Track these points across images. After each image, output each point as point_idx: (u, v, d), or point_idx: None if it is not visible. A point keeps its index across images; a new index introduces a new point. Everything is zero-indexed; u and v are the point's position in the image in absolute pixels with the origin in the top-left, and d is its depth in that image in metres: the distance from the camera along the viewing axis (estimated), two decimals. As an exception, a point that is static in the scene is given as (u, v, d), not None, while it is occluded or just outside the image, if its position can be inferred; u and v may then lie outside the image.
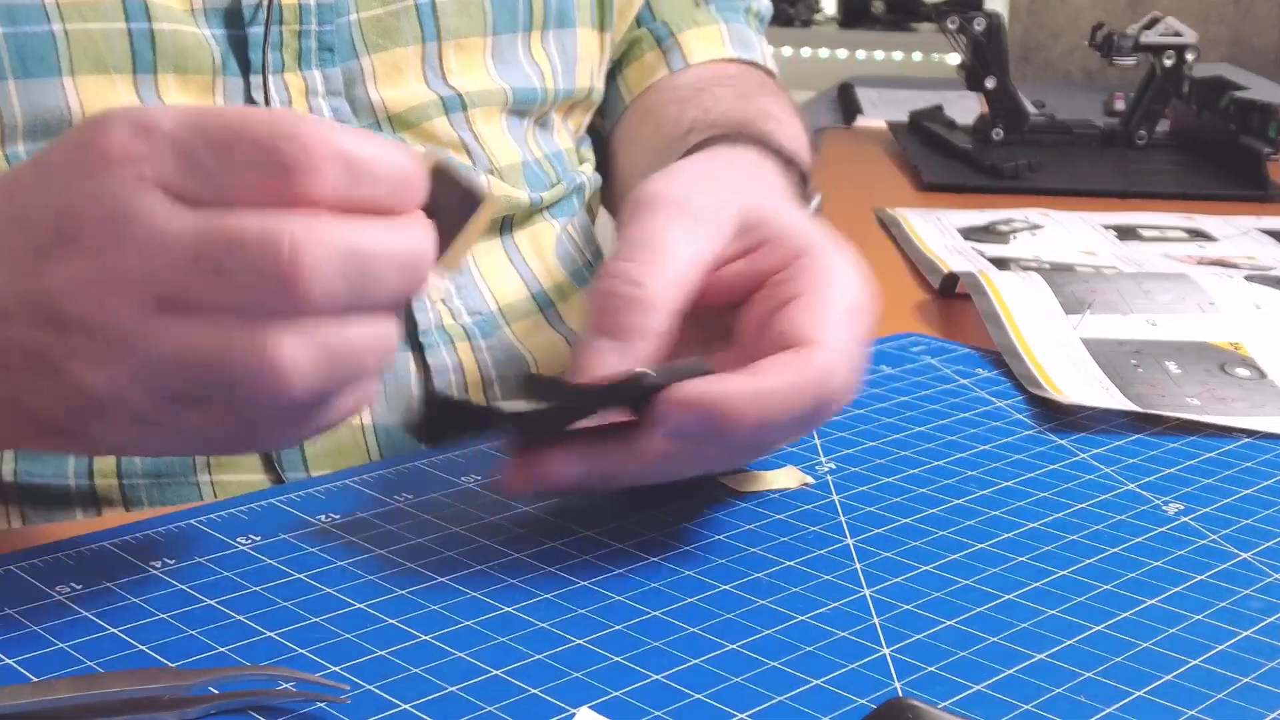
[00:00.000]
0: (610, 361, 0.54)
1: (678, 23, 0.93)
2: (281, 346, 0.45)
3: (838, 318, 0.55)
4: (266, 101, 0.70)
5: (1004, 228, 1.10)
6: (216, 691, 0.43)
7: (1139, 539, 0.56)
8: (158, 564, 0.51)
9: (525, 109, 0.81)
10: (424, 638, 0.47)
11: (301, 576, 0.51)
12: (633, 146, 0.89)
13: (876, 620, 0.49)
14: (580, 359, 0.54)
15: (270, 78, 0.70)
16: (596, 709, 0.43)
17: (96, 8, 0.65)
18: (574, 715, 0.43)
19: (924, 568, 0.53)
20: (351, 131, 0.47)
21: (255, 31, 0.70)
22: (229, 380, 0.45)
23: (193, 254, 0.45)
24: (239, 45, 0.70)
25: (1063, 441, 0.66)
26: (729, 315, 0.58)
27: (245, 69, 0.70)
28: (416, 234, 0.47)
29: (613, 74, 0.93)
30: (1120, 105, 1.63)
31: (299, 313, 0.45)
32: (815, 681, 0.45)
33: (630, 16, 0.92)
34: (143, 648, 0.46)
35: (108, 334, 0.46)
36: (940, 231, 1.08)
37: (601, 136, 0.93)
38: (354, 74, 0.74)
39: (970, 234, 1.08)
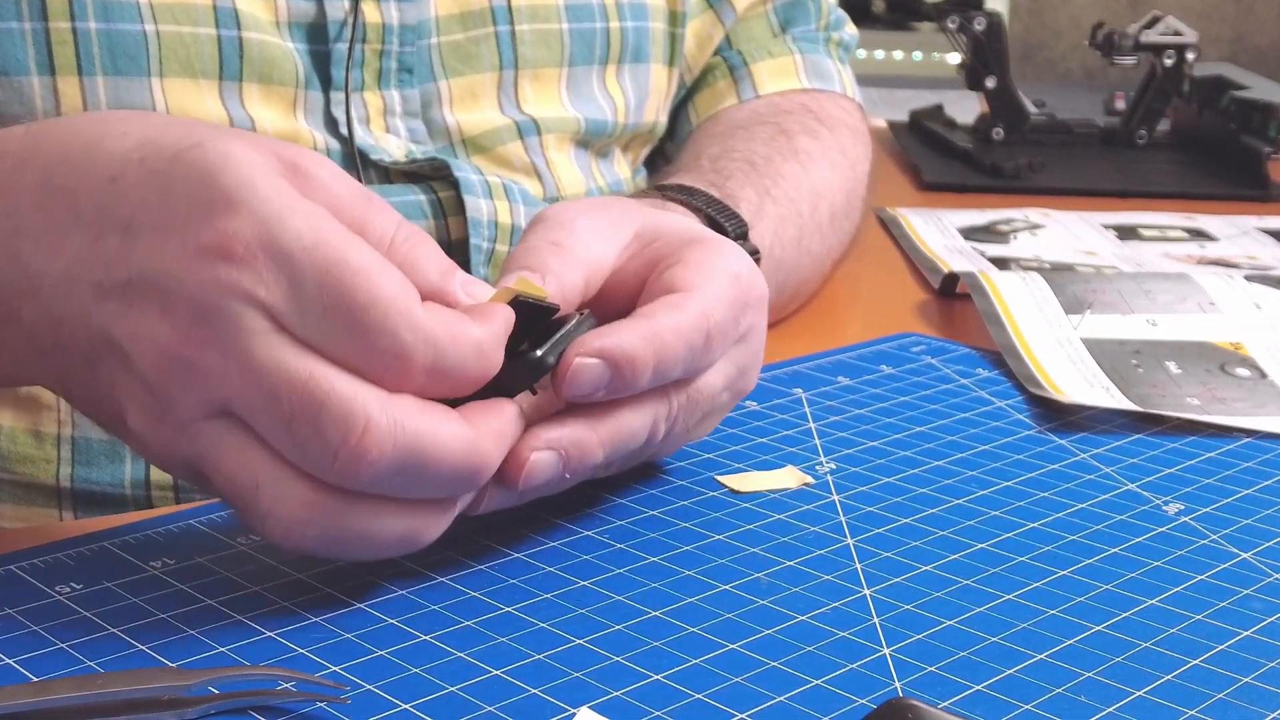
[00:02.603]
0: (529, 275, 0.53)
1: (753, 53, 0.94)
2: (292, 509, 0.46)
3: (717, 275, 0.55)
4: (348, 118, 0.71)
5: (1004, 228, 1.10)
6: (216, 691, 0.43)
7: (1139, 539, 0.56)
8: (158, 564, 0.51)
9: (593, 140, 0.82)
10: (424, 638, 0.47)
11: (302, 577, 0.51)
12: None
13: (876, 620, 0.49)
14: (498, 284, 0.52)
15: (350, 95, 0.70)
16: (596, 709, 0.43)
17: (189, 11, 0.66)
18: (574, 715, 0.43)
19: (924, 568, 0.53)
20: (449, 331, 0.46)
21: (339, 48, 0.70)
22: (238, 503, 0.47)
23: (271, 389, 0.45)
24: (321, 60, 0.70)
25: (1063, 441, 0.66)
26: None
27: (326, 84, 0.71)
28: (486, 448, 0.47)
29: (685, 100, 0.94)
30: (1121, 104, 1.63)
31: (335, 483, 0.46)
32: (815, 681, 0.45)
33: (710, 50, 0.93)
34: (143, 648, 0.46)
35: (161, 404, 0.46)
36: (940, 231, 1.08)
37: (667, 159, 0.94)
38: (431, 96, 0.74)
39: (970, 234, 1.08)
